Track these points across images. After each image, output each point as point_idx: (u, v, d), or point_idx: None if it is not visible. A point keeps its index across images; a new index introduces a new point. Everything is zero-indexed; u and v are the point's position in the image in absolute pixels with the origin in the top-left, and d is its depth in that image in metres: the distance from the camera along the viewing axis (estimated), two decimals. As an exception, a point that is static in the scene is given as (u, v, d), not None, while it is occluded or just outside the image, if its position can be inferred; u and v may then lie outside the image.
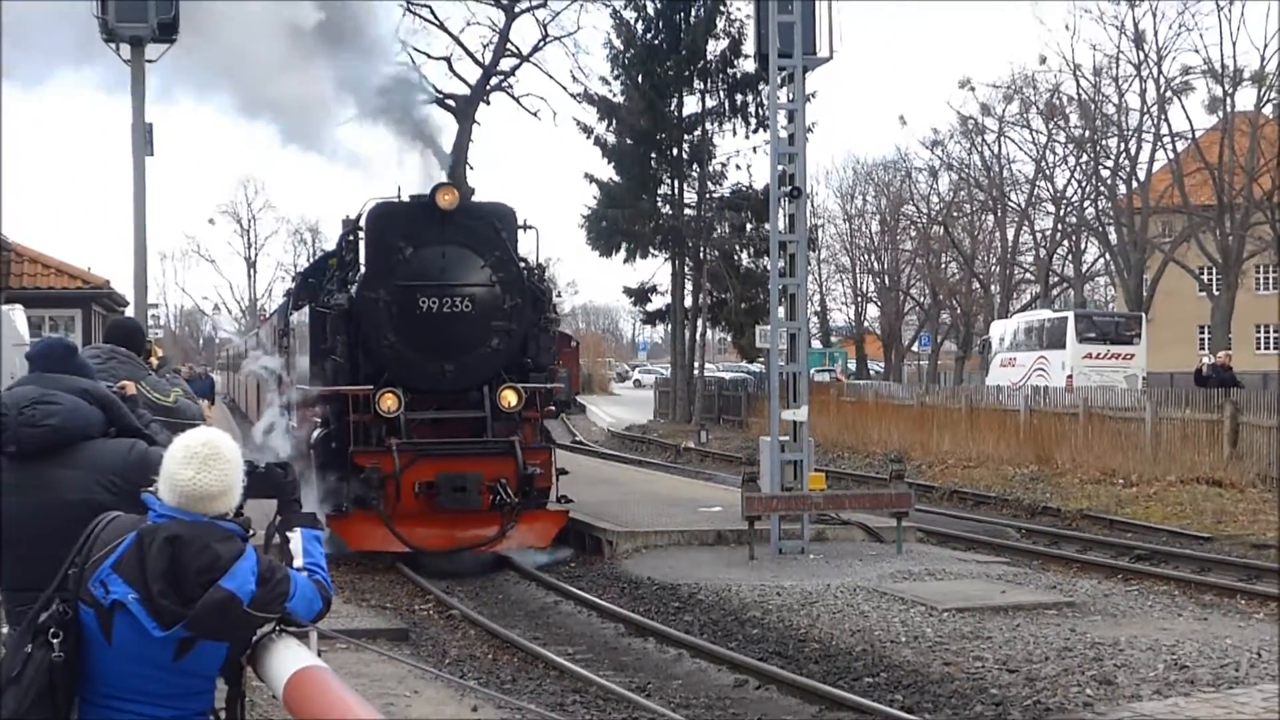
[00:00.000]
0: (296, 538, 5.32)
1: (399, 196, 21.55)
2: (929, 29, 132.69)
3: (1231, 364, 37.45)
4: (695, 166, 52.68)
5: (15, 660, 4.87)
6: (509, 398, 19.97)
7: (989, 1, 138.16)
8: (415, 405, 19.90)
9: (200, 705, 4.94)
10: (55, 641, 4.79)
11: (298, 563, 5.17)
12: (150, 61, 22.46)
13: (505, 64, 58.86)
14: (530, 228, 21.27)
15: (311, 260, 43.97)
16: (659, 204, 52.89)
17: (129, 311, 34.25)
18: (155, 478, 5.50)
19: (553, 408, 24.30)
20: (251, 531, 5.08)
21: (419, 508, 19.36)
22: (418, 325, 20.00)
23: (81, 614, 4.82)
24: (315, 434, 20.97)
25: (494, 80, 58.90)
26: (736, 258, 52.83)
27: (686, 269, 53.80)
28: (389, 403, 19.33)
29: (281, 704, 4.93)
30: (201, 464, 4.88)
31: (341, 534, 19.28)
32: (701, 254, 52.52)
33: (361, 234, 21.35)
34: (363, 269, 20.98)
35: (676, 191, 53.35)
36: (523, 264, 21.39)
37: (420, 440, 19.70)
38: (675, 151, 52.42)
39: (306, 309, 22.55)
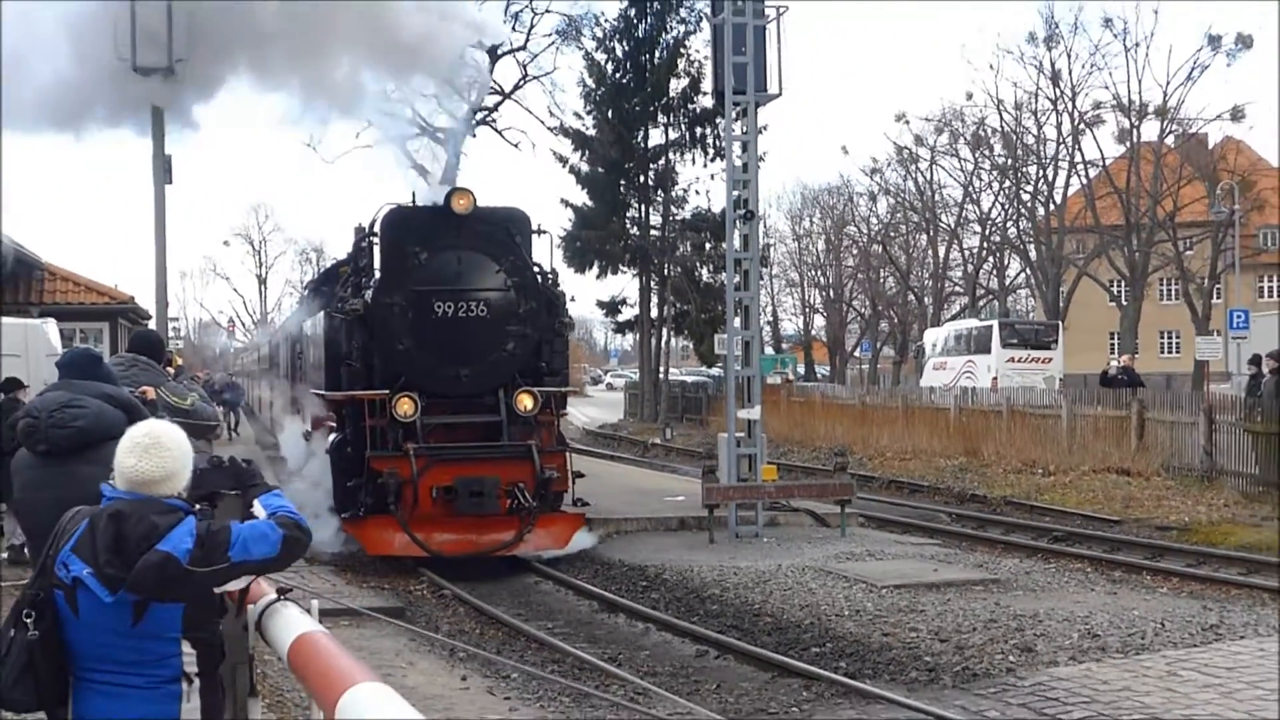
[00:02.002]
0: (257, 504, 5.25)
1: (413, 202, 20.44)
2: (869, 68, 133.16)
3: (1134, 366, 37.62)
4: (660, 192, 52.67)
5: (2, 643, 4.87)
6: (525, 401, 18.34)
7: (922, 43, 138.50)
8: (430, 410, 18.19)
9: (167, 673, 4.85)
10: (29, 622, 4.80)
11: (261, 516, 5.08)
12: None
13: (489, 100, 58.83)
14: (544, 232, 20.23)
15: (319, 271, 42.31)
16: (627, 226, 52.85)
17: (151, 324, 34.21)
18: None
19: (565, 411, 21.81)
20: (199, 508, 5.05)
21: (436, 512, 17.67)
22: (433, 330, 18.31)
23: (55, 597, 4.81)
24: (331, 438, 19.37)
25: (479, 115, 58.82)
26: (697, 273, 52.89)
27: (652, 284, 53.83)
28: (405, 407, 17.76)
29: (286, 665, 4.91)
30: (143, 452, 4.90)
31: (359, 538, 18.00)
32: (666, 270, 52.54)
33: (376, 240, 19.73)
34: (377, 274, 19.37)
35: (643, 214, 53.35)
36: (537, 269, 19.70)
37: (437, 445, 18.06)
38: (642, 179, 52.40)
39: (320, 315, 21.20)
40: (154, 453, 4.92)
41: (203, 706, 4.93)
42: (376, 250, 19.65)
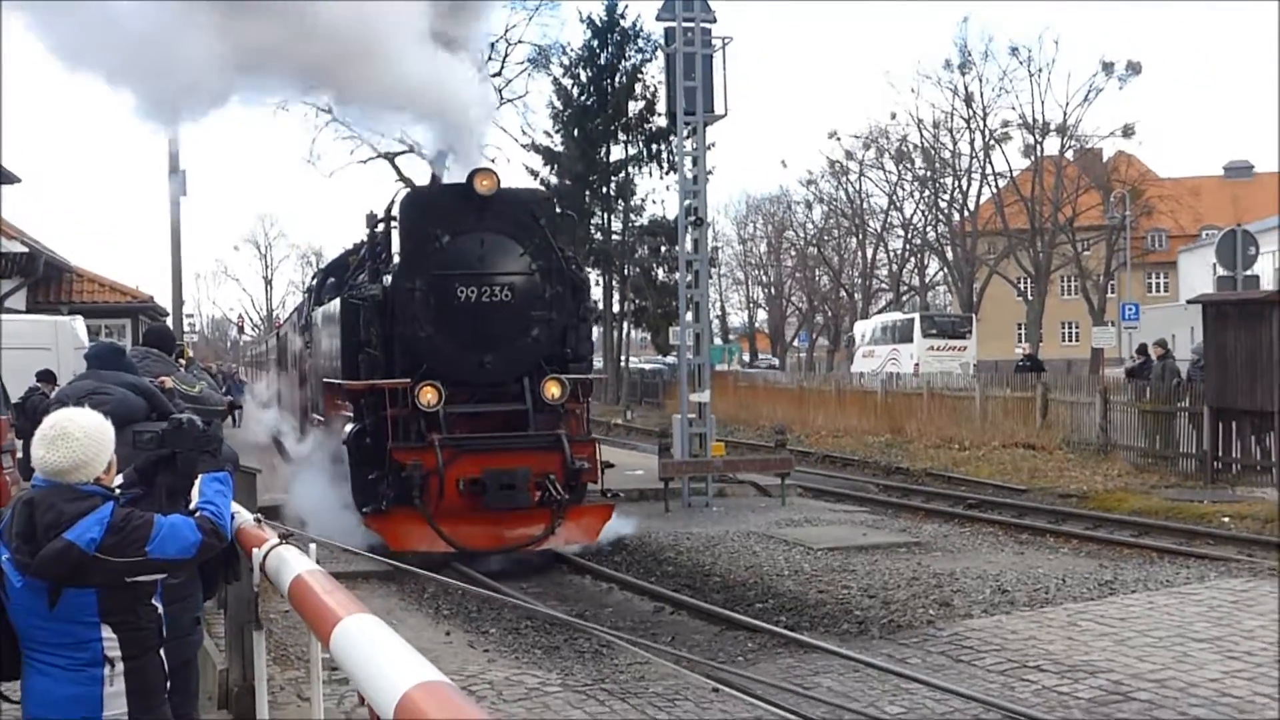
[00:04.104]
0: (198, 483, 5.08)
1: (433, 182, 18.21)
2: (805, 91, 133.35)
3: (1037, 354, 37.88)
4: (620, 201, 52.73)
5: None
6: (553, 389, 15.87)
7: (852, 69, 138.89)
8: (453, 398, 15.57)
9: (86, 655, 4.63)
10: None
11: (193, 505, 4.93)
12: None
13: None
14: (568, 214, 18.29)
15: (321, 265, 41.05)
16: (592, 231, 52.86)
17: (169, 322, 34.06)
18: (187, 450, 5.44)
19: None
20: (118, 490, 4.88)
21: (462, 505, 15.24)
22: (456, 315, 15.79)
23: None
24: (348, 429, 16.74)
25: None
26: (653, 273, 52.97)
27: (614, 282, 53.94)
28: (429, 396, 15.27)
29: (287, 600, 4.88)
30: (49, 444, 4.67)
31: (382, 533, 15.29)
32: (626, 271, 52.66)
33: (394, 223, 17.42)
34: (396, 259, 16.97)
35: (606, 222, 53.42)
36: (562, 252, 17.29)
37: (463, 435, 15.57)
38: (605, 190, 52.47)
39: (334, 303, 18.44)
40: (60, 444, 4.66)
41: (132, 689, 4.70)
42: (395, 234, 17.43)
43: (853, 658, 10.48)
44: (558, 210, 18.48)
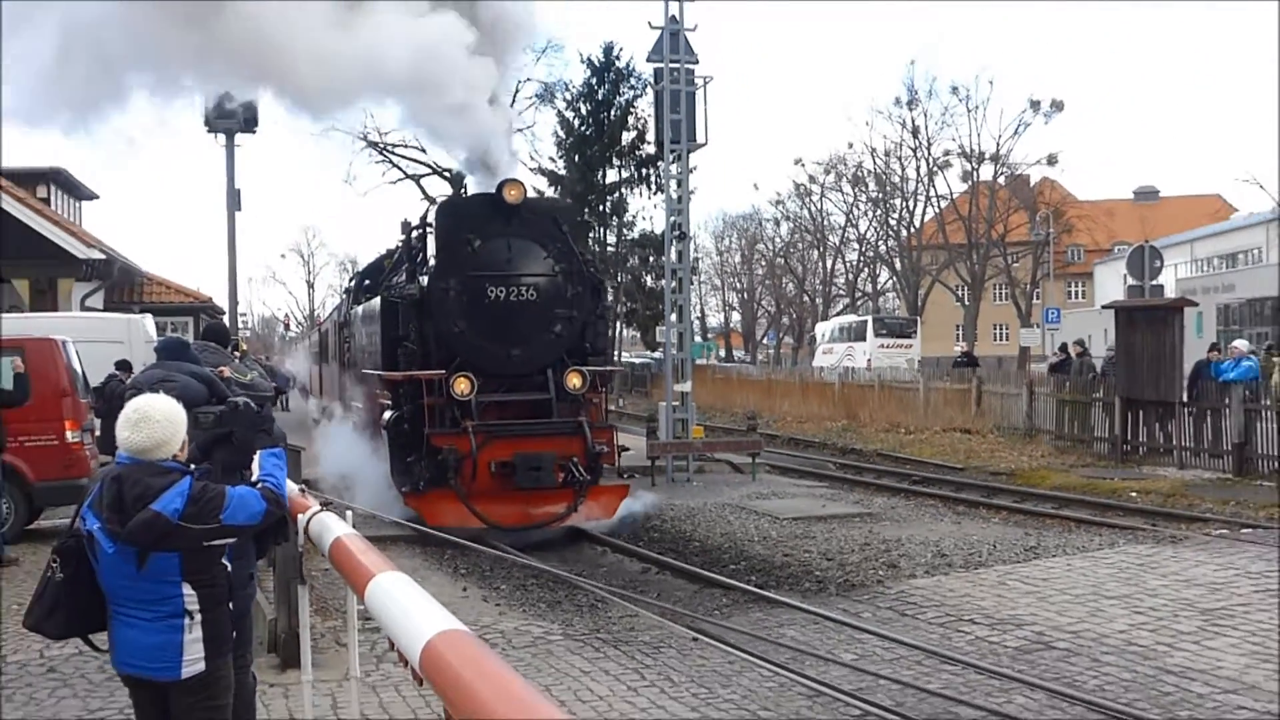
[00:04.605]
0: (257, 458, 5.09)
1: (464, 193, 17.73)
2: (774, 123, 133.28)
3: (972, 351, 37.90)
4: (614, 218, 52.54)
5: (40, 582, 4.80)
6: (574, 380, 15.36)
7: (815, 104, 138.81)
8: (483, 388, 15.10)
9: (170, 610, 4.65)
10: (55, 566, 4.72)
11: (254, 478, 4.94)
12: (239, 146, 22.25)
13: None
14: (587, 222, 17.57)
15: (354, 266, 40.74)
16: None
17: (225, 319, 34.02)
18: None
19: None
20: (195, 467, 4.89)
21: (493, 485, 14.80)
22: (486, 312, 15.38)
23: (83, 543, 4.71)
24: (387, 416, 16.19)
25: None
26: (643, 280, 52.82)
27: (609, 287, 53.92)
28: (462, 386, 14.81)
29: (327, 559, 4.88)
30: (133, 427, 4.68)
31: (420, 510, 14.76)
32: (619, 277, 52.52)
33: (430, 229, 16.90)
34: (432, 261, 16.39)
35: (602, 235, 53.28)
36: (582, 256, 16.87)
37: (494, 421, 15.14)
38: (601, 208, 52.22)
39: (374, 301, 18.04)
40: (142, 426, 4.68)
41: (208, 637, 4.72)
42: (430, 238, 16.79)
43: (813, 612, 10.51)
44: (580, 219, 17.69)
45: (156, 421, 4.70)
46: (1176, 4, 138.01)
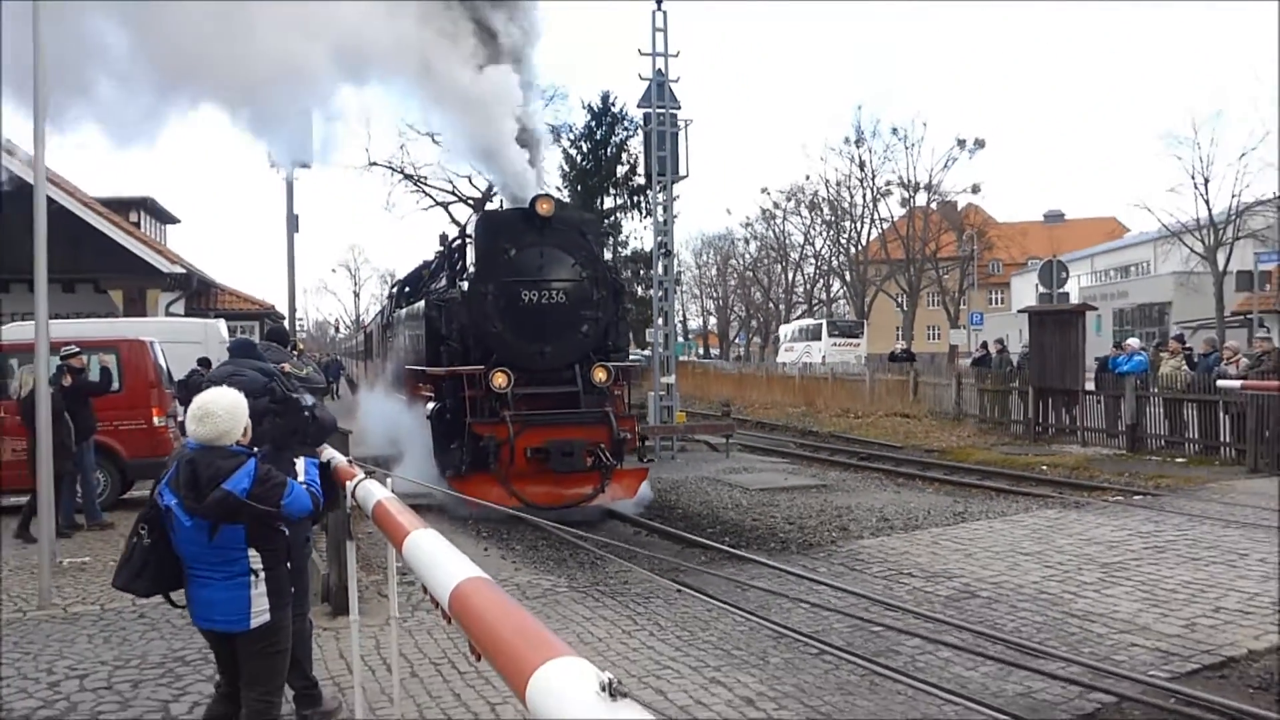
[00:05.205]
0: (301, 462, 5.06)
1: (500, 206, 16.34)
2: (744, 156, 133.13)
3: (910, 348, 37.90)
4: (610, 238, 52.61)
5: (127, 547, 4.78)
6: (600, 374, 14.78)
7: (777, 141, 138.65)
8: (517, 382, 14.38)
9: (238, 569, 4.64)
10: (143, 533, 4.70)
11: (300, 479, 4.89)
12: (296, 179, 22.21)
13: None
14: (609, 233, 16.74)
15: (393, 278, 40.43)
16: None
17: (285, 323, 33.94)
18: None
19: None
20: (257, 450, 4.86)
21: (530, 469, 14.07)
22: (520, 314, 14.67)
23: (161, 515, 4.70)
24: (430, 407, 15.48)
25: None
26: (634, 290, 52.88)
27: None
28: (500, 380, 14.18)
29: (371, 520, 4.89)
30: (199, 421, 4.64)
31: (462, 491, 13.21)
32: (615, 288, 52.53)
33: (469, 239, 16.02)
34: (470, 268, 15.58)
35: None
36: (606, 263, 16.15)
37: (529, 412, 14.38)
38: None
39: (419, 304, 17.26)
40: (206, 420, 4.63)
41: (271, 590, 4.71)
42: (470, 248, 15.95)
43: (777, 567, 10.51)
44: (604, 230, 17.18)
45: (218, 416, 4.66)
46: (1080, 58, 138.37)
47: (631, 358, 18.99)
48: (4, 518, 13.35)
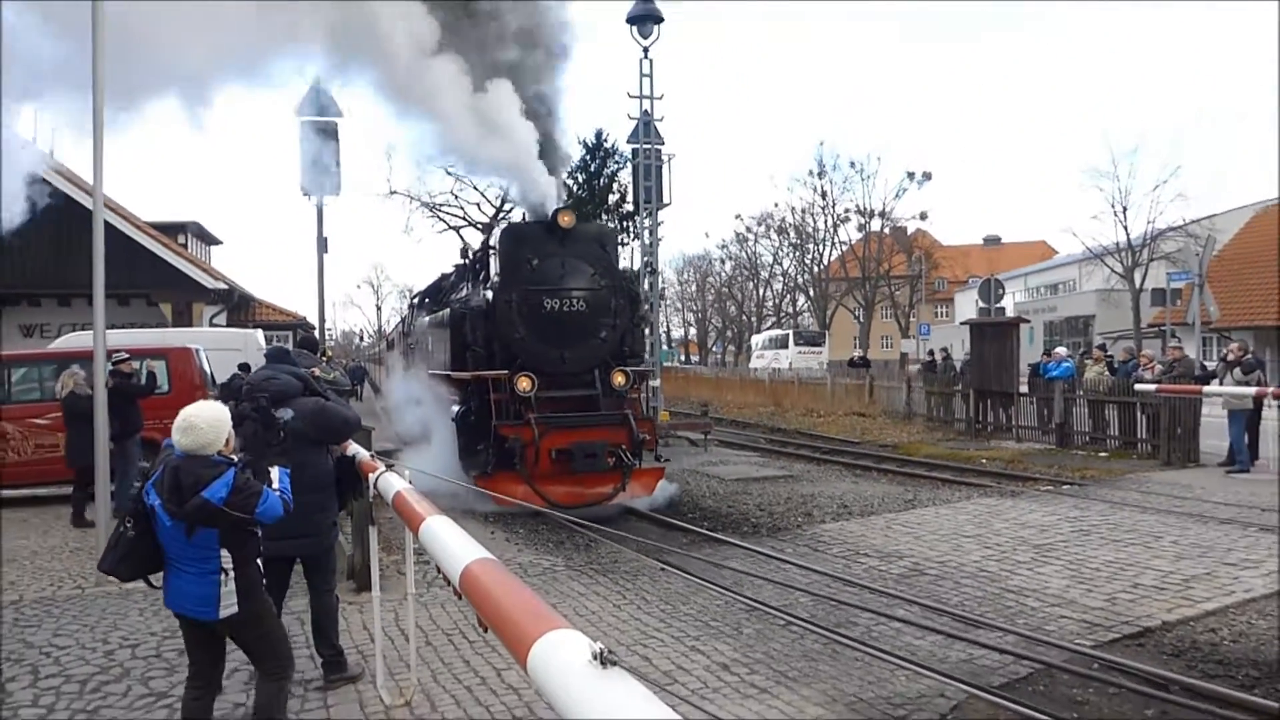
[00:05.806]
0: (275, 471, 4.84)
1: (524, 219, 15.47)
2: (719, 186, 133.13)
3: (866, 355, 37.97)
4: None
5: (113, 537, 4.69)
6: (618, 379, 13.86)
7: (748, 172, 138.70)
8: (539, 386, 13.54)
9: (210, 567, 4.53)
10: (129, 525, 4.61)
11: (275, 487, 4.70)
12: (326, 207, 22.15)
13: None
14: (625, 244, 15.87)
15: (412, 292, 40.23)
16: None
17: (316, 333, 33.79)
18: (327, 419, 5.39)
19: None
20: (238, 457, 4.72)
21: (554, 469, 13.21)
22: (542, 321, 13.75)
23: (146, 512, 4.60)
24: (455, 410, 14.71)
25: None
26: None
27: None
28: (524, 384, 13.33)
29: (391, 507, 4.86)
30: (182, 433, 4.50)
31: (490, 490, 12.56)
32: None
33: (493, 250, 15.22)
34: (495, 278, 14.78)
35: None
36: (623, 273, 15.38)
37: (553, 414, 13.48)
38: (594, 251, 52.20)
39: (444, 312, 16.36)
40: (189, 432, 4.50)
41: (240, 588, 4.59)
42: (494, 258, 15.16)
43: (749, 548, 10.51)
44: (621, 241, 16.14)
45: (200, 429, 4.52)
46: (1016, 98, 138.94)
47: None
48: (56, 506, 13.26)
